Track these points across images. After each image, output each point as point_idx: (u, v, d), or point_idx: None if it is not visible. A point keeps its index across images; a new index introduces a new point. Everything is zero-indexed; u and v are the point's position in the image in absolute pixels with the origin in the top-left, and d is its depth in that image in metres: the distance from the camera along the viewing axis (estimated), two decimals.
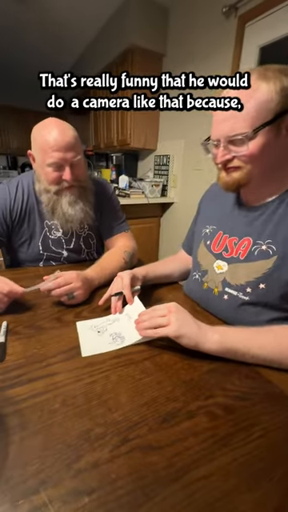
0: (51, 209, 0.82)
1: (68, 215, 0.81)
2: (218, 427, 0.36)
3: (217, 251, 0.64)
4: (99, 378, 0.43)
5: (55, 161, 0.74)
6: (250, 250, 0.56)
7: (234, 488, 0.29)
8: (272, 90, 0.46)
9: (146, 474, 0.30)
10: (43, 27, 2.46)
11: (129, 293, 0.60)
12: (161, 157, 2.37)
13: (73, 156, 0.75)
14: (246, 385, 0.43)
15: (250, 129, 0.47)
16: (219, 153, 0.53)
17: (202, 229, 0.71)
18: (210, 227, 0.68)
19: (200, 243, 0.70)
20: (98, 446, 0.32)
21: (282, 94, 0.46)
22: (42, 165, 0.76)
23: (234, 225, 0.62)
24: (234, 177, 0.54)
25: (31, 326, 0.57)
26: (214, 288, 0.62)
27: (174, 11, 2.06)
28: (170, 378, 0.44)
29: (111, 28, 2.34)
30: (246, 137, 0.48)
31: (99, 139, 2.90)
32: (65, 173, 0.76)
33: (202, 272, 0.67)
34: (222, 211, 0.67)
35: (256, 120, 0.47)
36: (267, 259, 0.53)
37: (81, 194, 0.82)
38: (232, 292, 0.58)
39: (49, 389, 0.40)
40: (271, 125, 0.47)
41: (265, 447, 0.33)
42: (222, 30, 1.64)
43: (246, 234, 0.58)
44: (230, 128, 0.49)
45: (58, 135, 0.73)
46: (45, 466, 0.30)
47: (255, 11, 1.46)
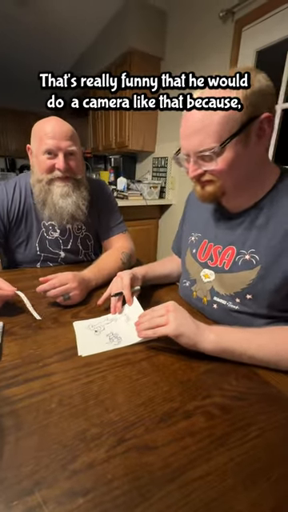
0: (42, 200, 0.81)
1: (58, 207, 0.80)
2: (214, 427, 0.35)
3: (202, 260, 0.63)
4: (96, 378, 0.43)
5: (49, 147, 0.75)
6: (234, 260, 0.55)
7: (231, 488, 0.29)
8: (239, 95, 0.45)
9: (142, 474, 0.30)
10: (43, 30, 2.47)
11: (128, 293, 0.60)
12: (159, 159, 2.38)
13: (67, 145, 0.76)
14: (243, 385, 0.43)
15: (218, 143, 0.46)
16: (190, 167, 0.51)
17: (188, 236, 0.70)
18: (195, 235, 0.68)
19: (187, 251, 0.69)
20: (94, 446, 0.32)
21: (246, 102, 0.44)
22: (37, 153, 0.77)
23: (217, 233, 0.61)
24: (208, 190, 0.53)
25: (28, 326, 0.56)
26: (203, 297, 0.62)
27: (172, 15, 2.08)
28: (167, 378, 0.44)
29: (110, 31, 2.36)
30: (214, 153, 0.46)
31: (98, 141, 2.91)
32: (57, 160, 0.76)
33: (191, 281, 0.66)
34: (206, 217, 0.66)
35: (223, 133, 0.45)
36: (251, 269, 0.52)
37: (74, 188, 0.82)
38: (221, 301, 0.57)
39: (45, 389, 0.40)
40: (239, 136, 0.45)
41: (261, 447, 0.33)
42: (219, 34, 1.66)
43: (229, 242, 0.57)
44: (199, 143, 0.47)
45: (55, 125, 0.76)
46: (40, 467, 0.29)
47: (252, 16, 1.48)
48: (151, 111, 2.28)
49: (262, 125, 0.46)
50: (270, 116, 0.46)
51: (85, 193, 0.85)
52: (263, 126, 0.46)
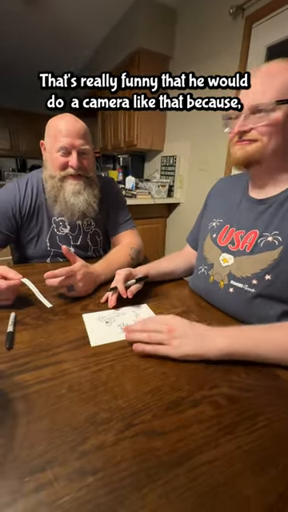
0: (53, 196, 0.83)
1: (70, 204, 0.82)
2: (222, 416, 0.36)
3: (223, 244, 0.64)
4: (105, 366, 0.44)
5: (63, 145, 0.77)
6: (255, 242, 0.56)
7: (239, 473, 0.29)
8: None
9: (149, 457, 0.30)
10: (53, 31, 2.52)
11: (121, 286, 0.61)
12: (167, 158, 2.38)
13: (81, 144, 0.79)
14: (252, 377, 0.43)
15: (275, 99, 0.49)
16: (238, 122, 0.54)
17: (208, 222, 0.71)
18: (216, 220, 0.69)
19: (206, 236, 0.70)
20: (103, 429, 0.33)
21: None
22: (51, 150, 0.79)
23: (241, 218, 0.62)
24: (247, 150, 0.54)
25: (38, 317, 0.58)
26: (220, 281, 0.62)
27: (181, 13, 2.08)
28: (175, 368, 0.44)
29: (119, 31, 2.37)
30: (270, 107, 0.50)
31: (106, 141, 2.93)
32: (71, 158, 0.78)
33: (208, 265, 0.67)
34: (229, 205, 0.67)
35: (281, 95, 0.49)
36: (273, 250, 0.53)
37: (86, 185, 0.84)
38: (237, 284, 0.58)
39: (55, 376, 0.41)
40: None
41: (269, 437, 0.33)
42: (229, 30, 1.65)
43: (252, 226, 0.58)
44: (257, 96, 0.51)
45: (69, 123, 0.78)
46: (51, 447, 0.30)
47: (262, 12, 1.46)
48: (160, 113, 2.29)
49: None
50: None
51: (96, 191, 0.87)
52: None
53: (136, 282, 0.65)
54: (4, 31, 2.52)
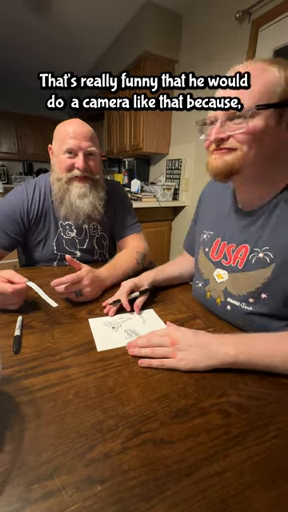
0: (60, 198, 0.83)
1: (75, 206, 0.82)
2: (231, 425, 0.35)
3: (216, 259, 0.62)
4: (111, 372, 0.43)
5: (70, 146, 0.78)
6: (247, 259, 0.54)
7: (249, 486, 0.28)
8: (282, 75, 0.44)
9: (158, 466, 0.30)
10: (61, 37, 2.56)
11: (125, 300, 0.61)
12: (173, 161, 2.39)
13: (88, 145, 0.80)
14: (261, 385, 0.42)
15: (253, 105, 0.44)
16: (214, 129, 0.49)
17: (200, 234, 0.69)
18: (207, 232, 0.67)
19: (199, 249, 0.68)
20: (110, 437, 0.33)
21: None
22: (59, 152, 0.80)
23: (231, 230, 0.59)
24: (225, 160, 0.49)
25: (45, 321, 0.58)
26: (217, 298, 0.61)
27: (187, 18, 2.09)
28: (182, 375, 0.43)
29: (126, 36, 2.40)
30: (248, 112, 0.44)
31: (112, 145, 2.95)
32: (77, 159, 0.79)
33: (205, 281, 0.65)
34: (219, 215, 0.64)
35: (260, 99, 0.44)
36: (265, 268, 0.51)
37: (92, 188, 0.84)
38: (235, 302, 0.56)
39: (62, 380, 0.41)
40: (274, 109, 0.44)
41: (280, 448, 0.32)
42: (235, 34, 1.65)
43: (243, 240, 0.56)
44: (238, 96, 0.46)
45: (78, 126, 0.80)
46: (58, 454, 0.30)
47: (268, 15, 1.46)
48: (165, 114, 2.30)
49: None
50: None
51: (102, 193, 0.87)
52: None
53: (140, 294, 0.64)
54: (14, 38, 2.58)
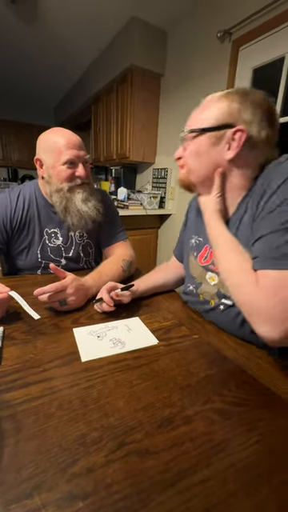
0: (64, 208, 0.83)
1: (83, 211, 0.83)
2: (214, 432, 0.35)
3: (203, 264, 0.65)
4: (96, 382, 0.43)
5: (70, 157, 0.78)
6: None
7: (232, 493, 0.29)
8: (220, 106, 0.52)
9: (142, 478, 0.29)
10: (49, 46, 2.58)
11: (106, 295, 0.61)
12: (159, 170, 2.43)
13: (84, 154, 0.82)
14: (243, 391, 0.43)
15: (188, 131, 0.55)
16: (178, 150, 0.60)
17: (189, 239, 0.72)
18: (195, 237, 0.69)
19: (189, 255, 0.71)
20: (94, 450, 0.32)
21: (228, 111, 0.51)
22: (55, 164, 0.79)
23: None
24: (180, 173, 0.60)
25: (28, 331, 0.57)
26: (211, 300, 0.63)
27: (171, 34, 2.18)
28: (167, 383, 0.43)
29: (113, 49, 2.45)
30: (184, 134, 0.56)
31: (99, 153, 2.97)
32: (78, 169, 0.80)
33: (197, 284, 0.67)
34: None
35: (195, 125, 0.54)
36: None
37: (92, 192, 0.86)
38: (227, 302, 0.58)
39: (45, 393, 0.40)
40: (208, 132, 0.53)
41: (262, 453, 0.33)
42: (217, 52, 1.74)
43: None
44: (186, 127, 0.57)
45: (70, 135, 0.80)
46: (39, 470, 0.29)
47: (248, 36, 1.55)
48: (152, 124, 2.35)
49: (234, 135, 0.51)
50: (243, 130, 0.50)
51: (100, 197, 0.89)
52: (234, 136, 0.51)
53: (122, 290, 0.64)
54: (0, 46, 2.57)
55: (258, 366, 0.49)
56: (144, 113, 2.29)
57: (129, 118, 2.28)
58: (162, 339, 0.55)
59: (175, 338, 0.56)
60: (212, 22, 1.75)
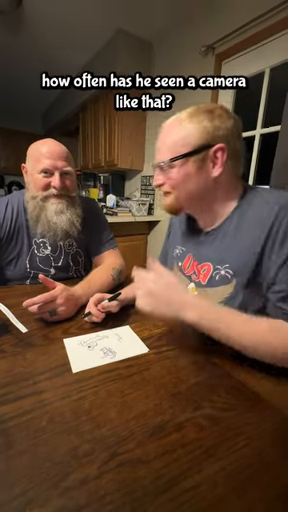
0: (35, 216, 0.83)
1: (52, 223, 0.82)
2: (204, 438, 0.36)
3: (187, 273, 0.66)
4: (88, 393, 0.43)
5: (46, 166, 0.78)
6: (211, 275, 0.59)
7: (222, 497, 0.29)
8: (192, 127, 0.52)
9: (134, 488, 0.30)
10: (35, 55, 2.59)
11: (95, 309, 0.62)
12: (147, 177, 2.47)
13: (63, 165, 0.80)
14: (232, 396, 0.44)
15: (167, 159, 0.55)
16: (154, 177, 0.61)
17: (173, 249, 0.74)
18: (179, 247, 0.71)
19: (174, 265, 0.72)
20: (86, 462, 0.32)
21: (201, 131, 0.52)
22: (33, 172, 0.80)
23: (196, 248, 0.65)
24: (166, 201, 0.60)
25: (17, 344, 0.56)
26: None
27: (157, 46, 2.25)
28: (158, 391, 0.44)
29: (99, 59, 2.50)
30: (165, 164, 0.55)
31: (87, 160, 2.98)
32: (53, 179, 0.80)
33: None
34: (187, 233, 0.70)
35: (175, 152, 0.54)
36: (227, 284, 0.56)
37: (68, 204, 0.84)
38: None
39: (36, 406, 0.40)
40: (190, 157, 0.53)
41: (251, 455, 0.34)
42: (201, 66, 1.80)
43: (205, 259, 0.61)
44: (159, 157, 0.57)
45: (53, 146, 0.81)
46: (32, 485, 0.29)
47: (230, 51, 1.62)
48: (139, 131, 2.39)
49: (215, 153, 0.53)
50: (223, 147, 0.52)
51: (78, 210, 0.88)
52: (217, 154, 0.53)
53: (109, 301, 0.65)
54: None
55: (245, 371, 0.50)
56: (131, 120, 2.33)
57: (117, 125, 2.31)
58: (152, 347, 0.56)
59: (165, 345, 0.57)
60: (196, 37, 1.82)
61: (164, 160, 0.55)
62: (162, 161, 0.56)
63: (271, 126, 1.53)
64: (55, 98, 3.75)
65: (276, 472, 0.32)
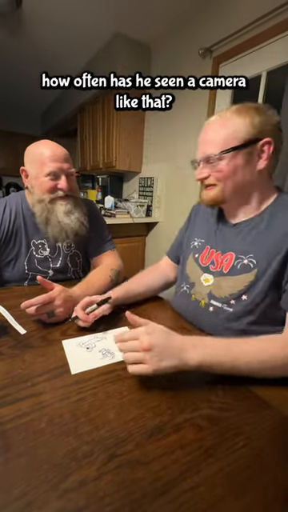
0: (45, 219, 0.83)
1: (64, 224, 0.82)
2: (203, 439, 0.36)
3: (204, 264, 0.68)
4: (86, 395, 0.43)
5: (53, 170, 0.78)
6: (233, 264, 0.61)
7: (221, 498, 0.30)
8: (241, 122, 0.55)
9: (133, 489, 0.30)
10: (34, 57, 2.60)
11: (81, 313, 0.61)
12: (145, 179, 2.47)
13: (68, 167, 0.81)
14: (230, 396, 0.44)
15: (218, 152, 0.57)
16: (198, 170, 0.62)
17: (190, 241, 0.75)
18: (198, 240, 0.73)
19: (189, 256, 0.73)
20: (85, 463, 0.32)
21: (251, 126, 0.55)
22: (38, 176, 0.80)
23: (219, 240, 0.67)
24: (210, 195, 0.62)
25: (15, 346, 0.56)
26: (201, 300, 0.65)
27: (155, 50, 2.26)
28: (156, 392, 0.44)
29: (98, 61, 2.51)
30: (216, 157, 0.57)
31: (85, 161, 2.98)
32: (60, 181, 0.80)
33: (190, 284, 0.70)
34: (209, 226, 0.72)
35: (225, 145, 0.56)
36: (248, 272, 0.57)
37: (76, 205, 0.85)
38: (217, 304, 0.61)
39: (34, 408, 0.40)
40: (239, 150, 0.56)
41: (249, 455, 0.34)
42: (198, 68, 1.82)
43: (229, 249, 0.63)
44: (207, 149, 0.59)
45: (55, 148, 0.81)
46: (30, 488, 0.29)
47: (228, 54, 1.64)
48: (138, 133, 2.40)
49: (263, 147, 0.56)
50: (270, 141, 0.55)
51: (84, 209, 0.89)
52: (264, 148, 0.56)
53: (98, 305, 0.63)
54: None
55: None
56: (130, 122, 2.34)
57: (115, 127, 2.31)
58: None
59: None
60: (194, 40, 1.83)
61: (213, 152, 0.57)
62: (211, 153, 0.57)
63: None
64: (53, 99, 3.76)
65: (274, 473, 0.33)
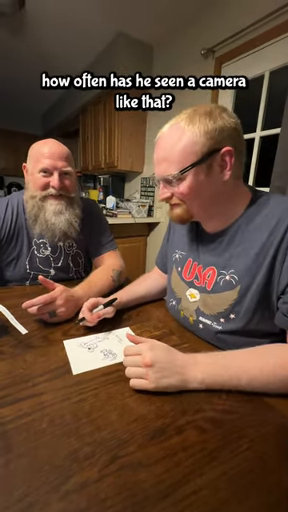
0: (34, 215, 0.82)
1: (50, 224, 0.82)
2: (206, 441, 0.36)
3: (188, 279, 0.64)
4: (88, 396, 0.43)
5: (45, 166, 0.78)
6: (215, 281, 0.57)
7: (224, 502, 0.29)
8: (196, 133, 0.49)
9: (135, 492, 0.29)
10: (36, 57, 2.60)
11: (88, 315, 0.60)
12: (147, 179, 2.47)
13: (63, 165, 0.80)
14: (233, 399, 0.44)
15: (178, 170, 0.50)
16: (159, 190, 0.57)
17: (172, 253, 0.72)
18: (179, 252, 0.69)
19: (172, 269, 0.70)
20: (87, 465, 0.32)
21: (206, 136, 0.49)
22: (33, 171, 0.80)
23: (199, 252, 0.63)
24: (175, 212, 0.57)
25: (16, 345, 0.56)
26: (189, 317, 0.62)
27: (157, 50, 2.26)
28: (159, 393, 0.44)
29: (100, 61, 2.51)
30: (174, 177, 0.51)
31: (87, 161, 2.99)
32: (52, 179, 0.79)
33: (177, 300, 0.66)
34: (189, 237, 0.67)
35: (182, 162, 0.50)
36: (231, 290, 0.54)
37: (67, 205, 0.84)
38: (206, 321, 0.58)
39: (35, 409, 0.39)
40: (198, 165, 0.50)
41: (253, 459, 0.34)
42: (201, 68, 1.81)
43: (210, 263, 0.59)
44: (164, 169, 0.52)
45: (55, 146, 0.81)
46: (31, 489, 0.29)
47: (230, 54, 1.64)
48: (139, 133, 2.40)
49: (223, 157, 0.50)
50: (230, 150, 0.50)
51: (78, 210, 0.88)
52: (225, 158, 0.50)
53: (104, 307, 0.63)
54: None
55: None
56: (132, 122, 2.34)
57: (117, 127, 2.32)
58: None
59: None
60: (196, 40, 1.83)
61: (171, 173, 0.51)
62: (169, 174, 0.51)
63: (271, 128, 1.54)
64: (55, 99, 3.76)
65: (278, 477, 0.32)
